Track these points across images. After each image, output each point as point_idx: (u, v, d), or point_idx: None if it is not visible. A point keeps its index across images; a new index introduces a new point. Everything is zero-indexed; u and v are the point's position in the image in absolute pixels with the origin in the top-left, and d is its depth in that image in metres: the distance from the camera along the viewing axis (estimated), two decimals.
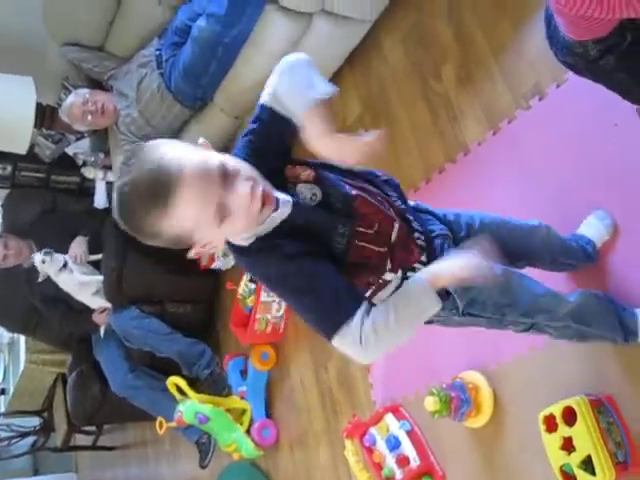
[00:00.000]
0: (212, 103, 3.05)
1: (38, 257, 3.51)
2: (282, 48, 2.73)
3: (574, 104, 2.03)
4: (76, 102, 3.24)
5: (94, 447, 5.54)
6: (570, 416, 1.78)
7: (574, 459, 1.76)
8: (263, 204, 1.20)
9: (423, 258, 1.43)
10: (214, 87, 2.95)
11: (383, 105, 2.80)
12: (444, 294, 1.41)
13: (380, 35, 2.85)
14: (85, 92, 3.27)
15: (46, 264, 3.51)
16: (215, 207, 1.16)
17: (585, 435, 1.74)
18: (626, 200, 1.87)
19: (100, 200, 3.77)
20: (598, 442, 1.73)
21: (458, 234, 1.56)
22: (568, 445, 1.79)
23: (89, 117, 3.24)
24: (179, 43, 2.95)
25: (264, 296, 3.27)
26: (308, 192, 1.31)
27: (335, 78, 3.02)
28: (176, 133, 3.24)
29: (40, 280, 3.56)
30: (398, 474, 2.40)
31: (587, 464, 1.74)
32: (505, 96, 2.26)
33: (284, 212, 1.26)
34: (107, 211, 3.75)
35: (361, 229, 1.32)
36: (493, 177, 2.28)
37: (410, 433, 2.46)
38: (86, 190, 4.03)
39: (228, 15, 2.62)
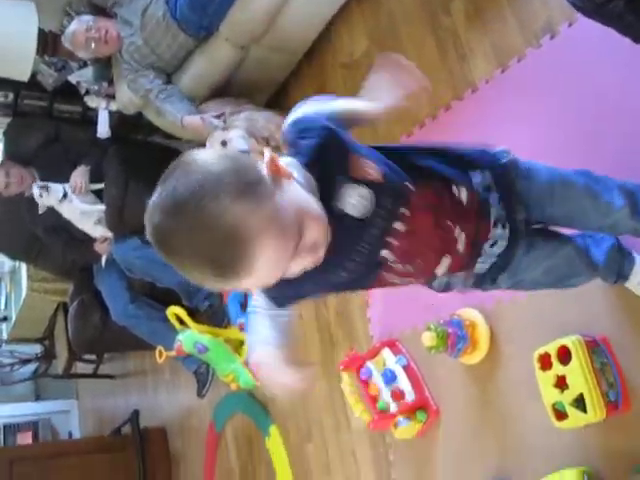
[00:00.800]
0: (217, 33, 3.00)
1: (36, 191, 3.51)
2: None
3: (586, 44, 1.98)
4: (79, 29, 3.19)
5: (95, 375, 5.65)
6: (565, 355, 1.80)
7: (567, 397, 1.79)
8: None
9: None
10: (220, 16, 2.90)
11: (391, 41, 2.75)
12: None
13: None
14: (88, 19, 3.21)
15: (44, 197, 3.51)
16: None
17: (579, 374, 1.76)
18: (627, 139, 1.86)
19: (103, 129, 3.73)
20: (591, 381, 1.76)
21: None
22: (561, 383, 1.81)
23: (92, 44, 3.19)
24: None
25: None
26: (359, 204, 1.11)
27: (343, 12, 2.98)
28: (181, 62, 3.20)
29: (40, 212, 3.56)
30: (393, 407, 2.44)
31: (579, 402, 1.77)
32: (515, 34, 2.22)
33: None
34: (110, 140, 3.74)
35: (390, 265, 1.22)
36: (501, 116, 2.25)
37: (406, 368, 2.49)
38: (89, 119, 4.00)
39: None
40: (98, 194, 3.64)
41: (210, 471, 4.18)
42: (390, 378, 2.48)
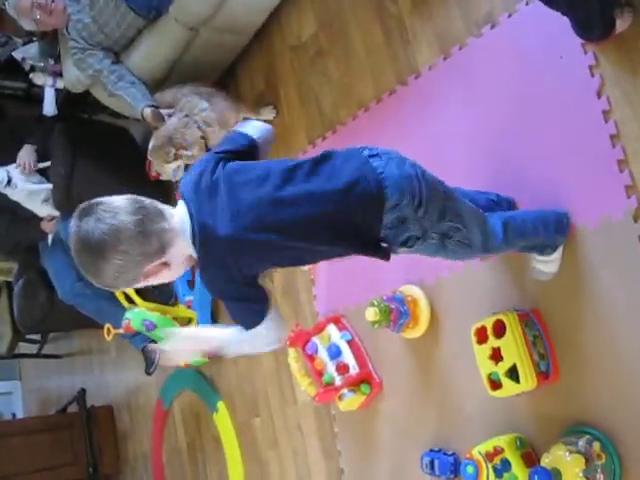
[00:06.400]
0: (167, 13, 3.00)
1: None
2: None
3: (524, 34, 2.08)
4: None
5: (40, 355, 5.60)
6: (500, 329, 1.90)
7: (501, 368, 1.89)
8: None
9: None
10: None
11: (339, 25, 2.80)
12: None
13: None
14: None
15: None
16: None
17: (512, 346, 1.87)
18: (565, 130, 1.97)
19: (49, 108, 3.68)
20: (524, 353, 1.87)
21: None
22: (496, 355, 1.92)
23: (37, 12, 3.12)
24: None
25: None
26: None
27: None
28: (130, 41, 3.18)
29: None
30: (338, 380, 2.52)
31: (512, 372, 1.88)
32: (458, 22, 2.30)
33: None
34: (56, 118, 3.70)
35: None
36: (442, 102, 2.34)
37: (350, 343, 2.58)
38: (34, 97, 3.94)
39: None
40: (44, 173, 3.62)
41: (158, 448, 4.22)
42: (335, 353, 2.56)
